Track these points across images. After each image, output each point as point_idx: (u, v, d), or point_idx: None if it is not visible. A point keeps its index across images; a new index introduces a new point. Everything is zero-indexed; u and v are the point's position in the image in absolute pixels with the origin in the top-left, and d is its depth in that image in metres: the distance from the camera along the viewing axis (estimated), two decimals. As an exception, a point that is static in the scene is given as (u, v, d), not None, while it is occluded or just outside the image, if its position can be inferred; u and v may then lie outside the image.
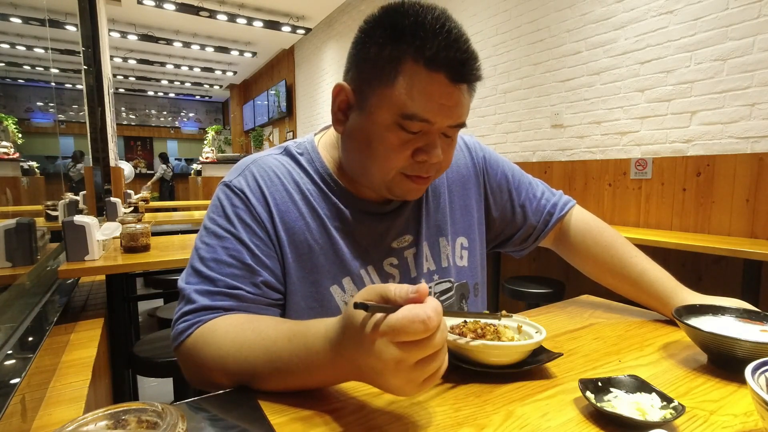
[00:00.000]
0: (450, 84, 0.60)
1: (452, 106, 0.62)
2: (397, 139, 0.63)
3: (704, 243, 1.88)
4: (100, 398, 1.27)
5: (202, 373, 0.59)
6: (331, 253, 0.70)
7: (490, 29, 3.41)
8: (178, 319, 0.62)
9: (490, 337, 0.60)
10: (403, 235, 0.77)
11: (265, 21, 5.99)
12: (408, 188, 0.68)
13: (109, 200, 2.97)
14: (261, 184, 0.69)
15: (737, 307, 0.68)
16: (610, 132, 2.63)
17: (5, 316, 1.08)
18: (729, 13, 2.08)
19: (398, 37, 0.60)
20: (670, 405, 0.47)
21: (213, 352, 0.57)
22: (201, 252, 0.65)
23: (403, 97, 0.60)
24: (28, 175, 1.85)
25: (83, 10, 3.20)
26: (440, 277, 0.80)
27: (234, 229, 0.66)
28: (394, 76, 0.61)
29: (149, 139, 13.24)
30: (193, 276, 0.64)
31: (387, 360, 0.41)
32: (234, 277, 0.63)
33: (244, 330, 0.57)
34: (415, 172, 0.66)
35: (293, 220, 0.69)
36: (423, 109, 0.60)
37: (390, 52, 0.61)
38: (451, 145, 0.68)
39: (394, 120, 0.62)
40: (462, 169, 0.86)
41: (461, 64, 0.60)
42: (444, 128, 0.64)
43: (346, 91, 0.66)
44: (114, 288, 1.64)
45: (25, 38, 1.87)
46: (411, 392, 0.43)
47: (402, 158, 0.64)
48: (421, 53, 0.59)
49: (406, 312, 0.40)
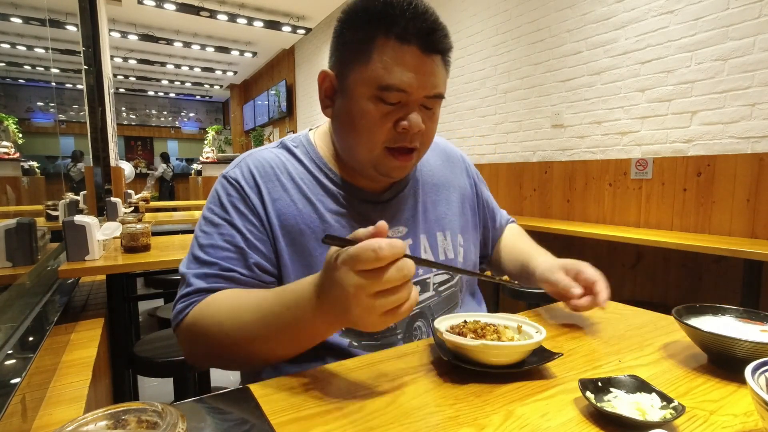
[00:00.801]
0: (422, 54, 0.65)
1: (427, 76, 0.66)
2: (377, 112, 0.66)
3: (705, 243, 1.87)
4: (100, 398, 1.27)
5: (201, 345, 0.64)
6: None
7: (490, 29, 3.41)
8: (177, 301, 0.67)
9: (490, 337, 0.60)
10: (397, 225, 0.79)
11: (265, 21, 5.99)
12: (392, 165, 0.70)
13: (110, 200, 2.97)
14: (255, 174, 0.73)
15: (735, 308, 0.68)
16: (611, 132, 2.63)
17: (6, 316, 1.08)
18: (729, 13, 2.08)
19: (370, 19, 0.65)
20: (670, 405, 0.47)
21: (211, 321, 0.62)
22: (200, 240, 0.70)
23: (379, 71, 0.65)
24: (28, 175, 1.85)
25: (83, 10, 3.20)
26: (438, 269, 0.81)
27: (229, 217, 0.70)
28: (369, 53, 0.65)
29: (149, 139, 13.24)
30: (192, 261, 0.69)
31: (347, 286, 0.47)
32: (229, 260, 0.68)
33: (239, 296, 0.64)
34: (398, 143, 0.69)
35: (285, 206, 0.72)
36: (399, 80, 0.64)
37: (364, 34, 0.66)
38: (432, 118, 0.71)
39: (373, 94, 0.66)
40: (459, 178, 0.92)
41: (429, 33, 0.65)
42: (421, 98, 0.67)
43: (330, 78, 0.71)
44: (114, 288, 1.64)
45: (25, 38, 1.87)
46: (373, 323, 0.49)
47: (384, 131, 0.67)
48: (391, 29, 0.64)
49: (361, 243, 0.47)
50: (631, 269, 2.57)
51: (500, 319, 0.68)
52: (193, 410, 0.51)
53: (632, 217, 2.54)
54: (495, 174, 3.43)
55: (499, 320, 0.67)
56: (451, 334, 0.59)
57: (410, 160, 0.71)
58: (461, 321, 0.65)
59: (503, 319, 0.67)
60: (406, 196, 0.82)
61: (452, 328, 0.63)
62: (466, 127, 3.71)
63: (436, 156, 0.91)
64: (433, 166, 0.89)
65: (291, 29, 6.23)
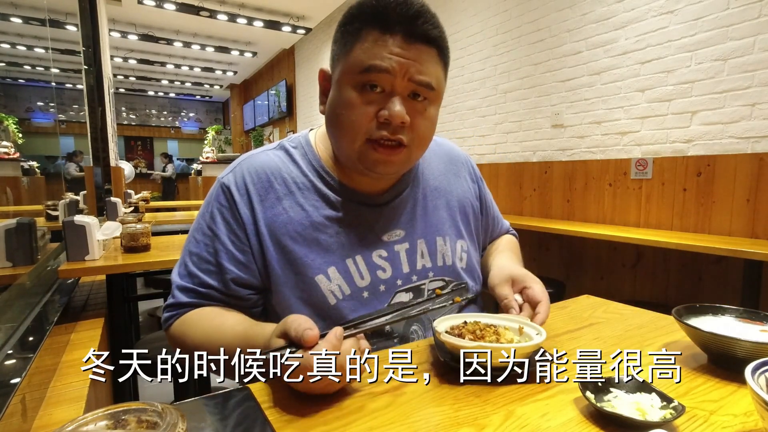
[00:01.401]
0: (405, 42, 0.64)
1: (410, 61, 0.64)
2: (359, 100, 0.66)
3: (705, 243, 1.87)
4: (100, 398, 1.27)
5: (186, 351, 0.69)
6: (315, 245, 0.73)
7: (490, 29, 3.41)
8: (165, 309, 0.75)
9: (489, 338, 0.59)
10: (394, 229, 0.78)
11: (265, 21, 5.99)
12: (374, 158, 0.69)
13: (110, 200, 2.96)
14: (247, 182, 0.74)
15: (735, 308, 0.68)
16: (611, 132, 2.63)
17: (6, 316, 1.08)
18: (729, 13, 2.08)
19: (359, 14, 0.66)
20: (670, 405, 0.47)
21: (190, 336, 0.70)
22: (190, 246, 0.74)
23: (361, 56, 0.65)
24: (28, 174, 1.85)
25: (83, 10, 3.20)
26: (435, 275, 0.80)
27: (215, 227, 0.73)
28: (353, 44, 0.66)
29: (149, 139, 13.24)
30: (181, 267, 0.74)
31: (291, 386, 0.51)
32: (208, 273, 0.72)
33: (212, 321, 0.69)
34: (380, 134, 0.66)
35: (276, 215, 0.73)
36: (379, 60, 0.64)
37: (352, 27, 0.67)
38: (423, 114, 0.69)
39: (356, 80, 0.66)
40: (463, 183, 0.90)
41: (412, 20, 0.64)
42: (406, 84, 0.65)
43: (326, 75, 0.72)
44: (114, 288, 1.64)
45: (25, 38, 1.87)
46: None
47: (366, 119, 0.66)
48: (376, 19, 0.64)
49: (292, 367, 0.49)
50: (631, 269, 2.57)
51: (501, 320, 0.67)
52: (193, 410, 0.51)
53: (632, 217, 2.54)
54: (495, 174, 3.43)
55: (500, 321, 0.66)
56: (449, 335, 0.59)
57: (395, 155, 0.68)
58: (461, 321, 0.65)
59: (504, 320, 0.67)
60: (405, 199, 0.80)
61: (452, 328, 0.63)
62: (466, 127, 3.71)
63: (438, 159, 0.89)
64: (435, 169, 0.88)
65: (291, 29, 6.23)
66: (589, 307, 0.90)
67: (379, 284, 0.75)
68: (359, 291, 0.73)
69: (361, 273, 0.74)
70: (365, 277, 0.74)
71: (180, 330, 0.71)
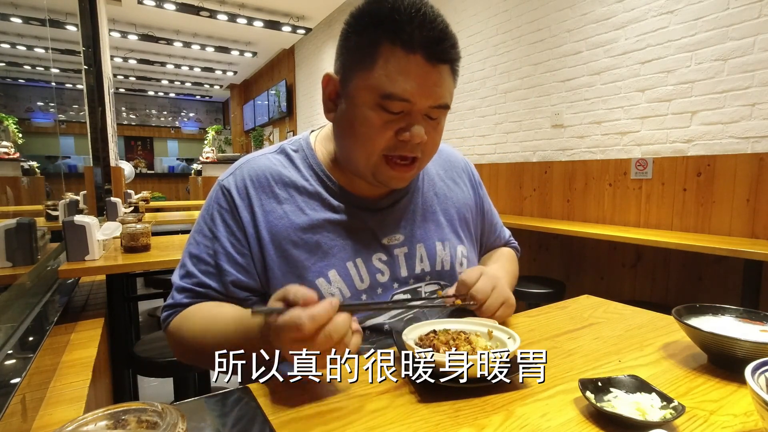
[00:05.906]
0: (427, 64, 0.63)
1: (431, 86, 0.64)
2: (379, 120, 0.65)
3: (704, 243, 1.87)
4: (100, 398, 1.27)
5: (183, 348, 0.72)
6: (315, 248, 0.73)
7: (490, 29, 3.41)
8: (164, 309, 0.75)
9: (463, 347, 0.56)
10: (394, 233, 0.78)
11: (265, 21, 5.98)
12: (390, 175, 0.69)
13: (110, 200, 2.96)
14: (248, 185, 0.74)
15: (735, 307, 0.68)
16: (611, 132, 2.63)
17: (6, 316, 1.08)
18: (729, 13, 2.08)
19: (376, 24, 0.64)
20: (670, 405, 0.47)
21: (187, 332, 0.70)
22: (191, 248, 0.75)
23: (383, 79, 0.63)
24: (28, 174, 1.85)
25: (83, 10, 3.20)
26: (431, 279, 0.80)
27: (215, 229, 0.73)
28: (373, 59, 0.64)
29: (149, 139, 13.22)
30: (181, 268, 0.75)
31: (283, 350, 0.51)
32: (207, 274, 0.72)
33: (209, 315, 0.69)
34: (398, 152, 0.67)
35: (276, 218, 0.72)
36: (402, 89, 0.63)
37: (369, 38, 0.64)
38: (436, 128, 0.70)
39: (375, 101, 0.64)
40: (462, 188, 0.90)
41: (436, 42, 0.62)
42: (425, 109, 0.66)
43: (333, 81, 0.70)
44: (114, 288, 1.64)
45: (25, 38, 1.87)
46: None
47: (384, 139, 0.66)
48: (397, 36, 0.62)
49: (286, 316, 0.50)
50: (631, 269, 2.57)
51: (470, 324, 0.65)
52: (193, 410, 0.51)
53: (632, 217, 2.54)
54: (495, 174, 3.43)
55: (470, 326, 0.65)
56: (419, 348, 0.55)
57: (410, 171, 0.70)
58: (430, 331, 0.62)
59: (473, 324, 0.65)
60: (405, 204, 0.81)
61: (421, 339, 0.59)
62: (466, 127, 3.71)
63: (438, 164, 0.89)
64: (435, 174, 0.88)
65: (291, 29, 6.22)
66: (589, 307, 0.90)
67: (377, 287, 0.76)
68: (358, 294, 0.74)
69: (362, 276, 0.75)
70: (365, 280, 0.75)
71: (178, 325, 0.72)
